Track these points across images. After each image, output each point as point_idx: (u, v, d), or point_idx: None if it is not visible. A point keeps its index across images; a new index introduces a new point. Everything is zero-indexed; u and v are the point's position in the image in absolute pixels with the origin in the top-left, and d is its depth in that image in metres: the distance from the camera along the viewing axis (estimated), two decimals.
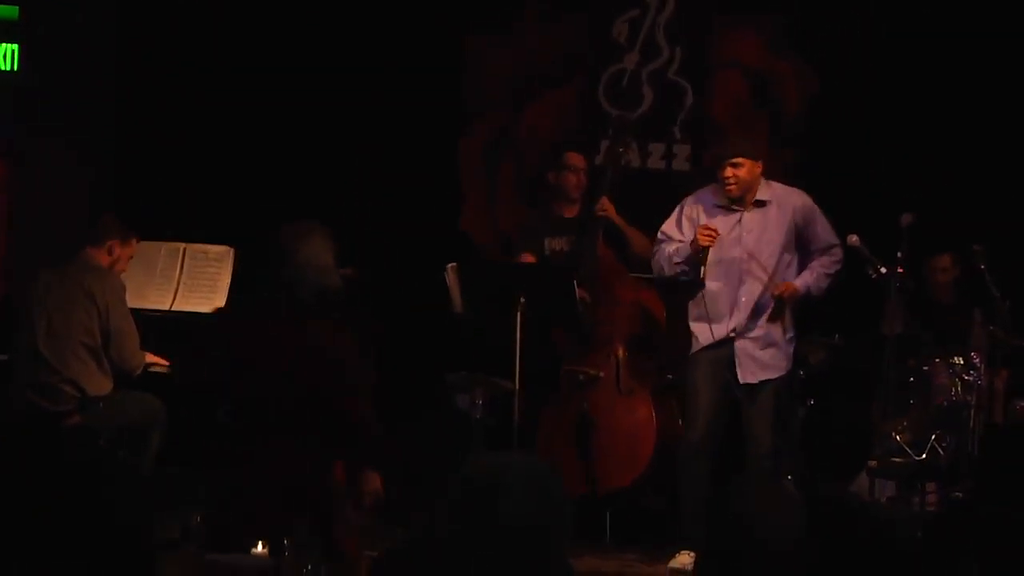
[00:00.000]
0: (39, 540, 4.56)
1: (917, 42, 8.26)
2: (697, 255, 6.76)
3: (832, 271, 6.91)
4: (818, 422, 7.45)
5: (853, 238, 6.83)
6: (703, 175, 7.38)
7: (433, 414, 7.58)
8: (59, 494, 4.73)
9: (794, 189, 7.00)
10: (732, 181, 6.75)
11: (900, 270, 6.83)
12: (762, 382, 6.81)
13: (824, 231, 6.91)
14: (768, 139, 8.47)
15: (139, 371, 7.02)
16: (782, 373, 6.87)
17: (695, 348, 6.92)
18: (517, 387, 6.71)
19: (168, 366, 7.21)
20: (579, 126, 8.73)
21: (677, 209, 7.00)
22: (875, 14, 8.34)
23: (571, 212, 7.79)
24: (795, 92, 8.57)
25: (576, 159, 7.83)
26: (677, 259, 6.88)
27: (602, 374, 7.40)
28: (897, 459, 6.76)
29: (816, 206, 6.96)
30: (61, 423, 6.65)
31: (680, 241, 6.90)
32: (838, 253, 6.91)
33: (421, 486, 6.05)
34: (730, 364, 6.81)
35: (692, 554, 6.70)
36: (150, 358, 7.16)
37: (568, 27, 8.79)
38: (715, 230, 6.74)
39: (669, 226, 6.98)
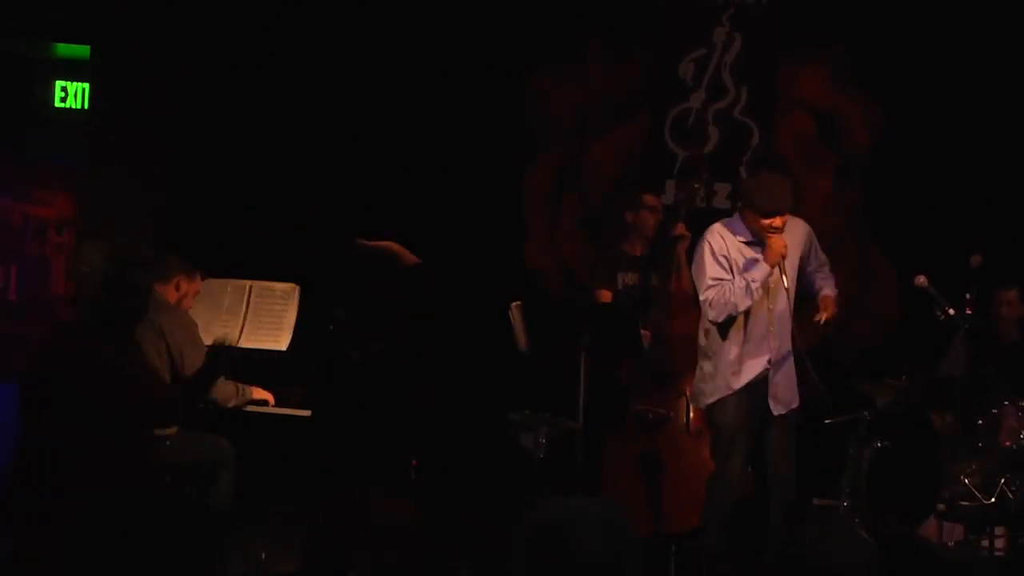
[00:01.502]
0: (99, 573, 4.58)
1: (984, 76, 8.21)
2: (778, 265, 6.65)
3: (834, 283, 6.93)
4: (885, 464, 7.37)
5: (921, 279, 6.79)
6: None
7: (497, 453, 7.57)
8: (124, 529, 4.75)
9: (796, 218, 6.91)
10: (782, 233, 6.69)
11: (969, 312, 6.78)
12: (788, 412, 6.78)
13: (818, 249, 6.94)
14: (834, 179, 8.45)
15: (232, 406, 7.02)
16: (799, 402, 6.84)
17: (728, 392, 6.79)
18: (581, 426, 6.70)
19: (275, 403, 7.25)
20: (644, 164, 8.74)
21: (704, 252, 6.82)
22: (941, 48, 8.30)
23: (639, 249, 7.83)
24: (862, 129, 8.54)
25: (653, 199, 7.90)
26: (754, 282, 6.73)
27: (672, 414, 7.38)
28: (966, 502, 6.68)
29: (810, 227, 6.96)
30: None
31: (730, 279, 6.79)
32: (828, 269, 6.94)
33: (487, 525, 6.04)
34: (763, 401, 6.76)
35: None
36: (258, 394, 7.19)
37: (633, 64, 8.81)
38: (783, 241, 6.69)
39: (714, 270, 6.82)
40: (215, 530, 5.79)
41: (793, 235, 6.80)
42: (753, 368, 6.76)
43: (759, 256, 6.71)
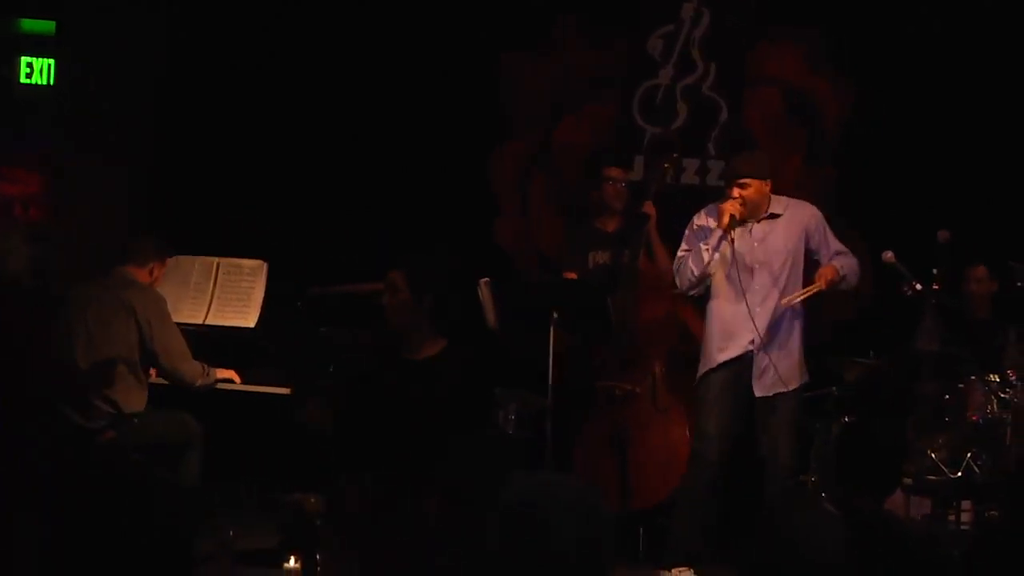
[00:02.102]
0: (71, 553, 4.57)
1: (955, 57, 8.24)
2: (726, 228, 6.67)
3: (856, 268, 6.83)
4: (853, 440, 7.42)
5: (888, 255, 6.81)
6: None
7: (464, 432, 7.57)
8: (90, 508, 4.74)
9: (804, 201, 6.95)
10: (740, 202, 6.73)
11: (936, 287, 6.80)
12: (777, 395, 6.76)
13: (833, 239, 6.86)
14: (804, 155, 8.46)
15: (199, 385, 6.99)
16: (798, 386, 6.82)
17: (709, 366, 6.85)
18: (551, 403, 6.70)
19: (240, 381, 7.23)
20: (614, 141, 8.73)
21: (688, 228, 6.95)
22: (913, 30, 8.32)
23: (612, 226, 7.81)
24: (832, 108, 8.56)
25: (614, 172, 7.85)
26: (706, 246, 6.76)
27: (638, 390, 7.39)
28: (932, 477, 6.72)
29: (823, 218, 6.89)
30: (94, 439, 6.65)
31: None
32: (854, 260, 6.84)
33: (459, 503, 6.04)
34: (745, 379, 6.78)
35: (690, 570, 6.72)
36: (222, 373, 7.16)
37: (605, 44, 8.80)
38: (741, 197, 6.70)
39: (687, 243, 6.91)
40: (183, 508, 5.77)
41: (792, 219, 6.81)
42: (734, 347, 6.77)
43: (738, 232, 6.76)
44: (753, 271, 6.79)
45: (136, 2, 8.82)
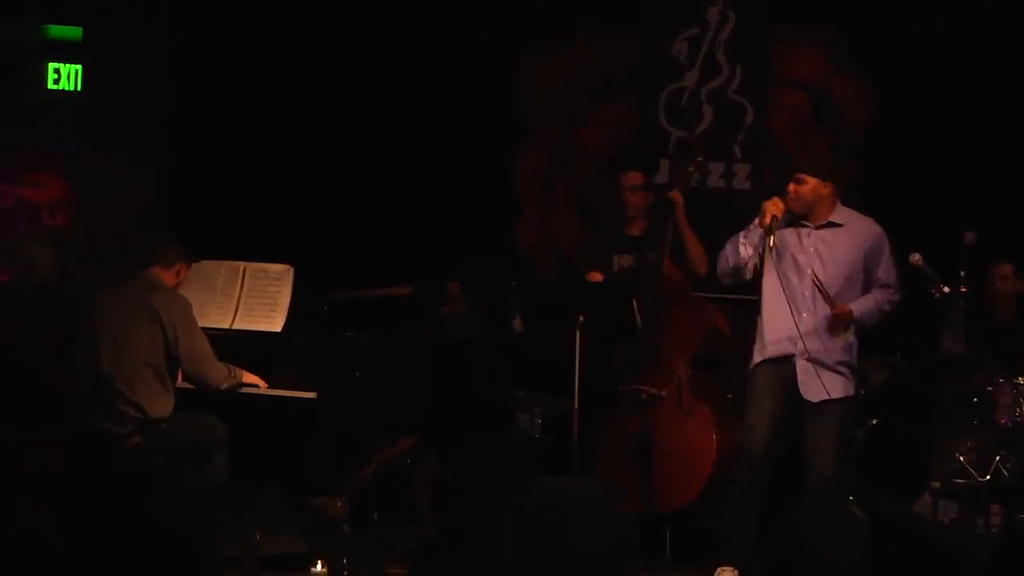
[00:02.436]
0: (94, 557, 4.58)
1: (979, 56, 8.20)
2: (766, 228, 6.59)
3: (886, 308, 6.70)
4: (879, 442, 7.38)
5: (915, 257, 6.76)
6: (763, 193, 7.32)
7: (491, 433, 7.58)
8: (116, 512, 4.75)
9: (869, 218, 6.82)
10: (792, 197, 6.66)
11: (963, 289, 6.76)
12: (824, 402, 6.69)
13: (887, 268, 6.71)
14: (830, 156, 8.43)
15: (225, 388, 6.99)
16: (844, 396, 6.73)
17: (756, 360, 6.82)
18: (577, 406, 6.69)
19: (266, 386, 7.23)
20: (636, 143, 8.72)
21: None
22: (936, 29, 8.28)
23: (636, 230, 7.79)
24: (856, 108, 8.53)
25: (632, 178, 7.81)
26: (744, 238, 6.71)
27: (664, 393, 7.36)
28: (960, 480, 6.68)
29: (886, 237, 6.76)
30: (121, 444, 6.66)
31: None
32: (894, 295, 6.71)
33: (480, 506, 6.04)
34: (792, 381, 6.72)
35: (735, 570, 6.66)
36: (248, 377, 7.16)
37: (623, 45, 8.79)
38: (781, 200, 6.65)
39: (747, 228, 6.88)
40: (208, 512, 5.78)
41: (856, 233, 6.70)
42: (777, 348, 6.71)
43: (796, 235, 6.72)
44: (804, 277, 6.70)
45: (161, 8, 8.85)
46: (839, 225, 6.71)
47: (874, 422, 7.30)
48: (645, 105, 8.79)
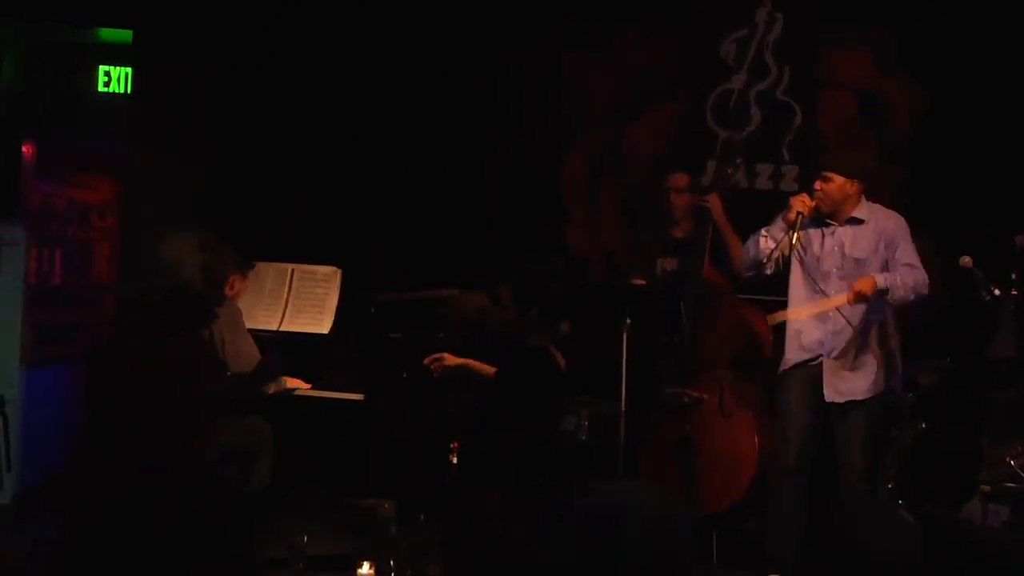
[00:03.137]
0: (144, 557, 4.61)
1: None
2: (790, 224, 6.61)
3: (910, 283, 6.59)
4: (928, 446, 7.34)
5: (965, 259, 6.73)
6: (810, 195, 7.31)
7: (538, 436, 7.58)
8: (164, 514, 4.78)
9: (892, 212, 6.84)
10: (819, 194, 6.67)
11: (1013, 292, 6.72)
12: (851, 402, 6.68)
13: (905, 249, 6.67)
14: (877, 157, 8.39)
15: (271, 393, 7.01)
16: (871, 395, 6.71)
17: (785, 366, 6.84)
18: (624, 409, 6.69)
19: (313, 387, 7.25)
20: (684, 144, 8.71)
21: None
22: (985, 28, 8.22)
23: (680, 232, 7.78)
24: (904, 109, 8.48)
25: (677, 180, 7.82)
26: (766, 232, 6.75)
27: (706, 396, 7.36)
28: (1011, 484, 6.64)
29: (907, 230, 6.73)
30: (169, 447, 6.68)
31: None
32: (920, 274, 6.62)
33: (530, 510, 6.04)
34: (820, 384, 6.72)
35: None
36: (292, 382, 7.19)
37: (669, 46, 8.77)
38: (809, 198, 6.64)
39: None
40: (254, 514, 5.82)
41: (876, 228, 6.71)
42: (804, 350, 6.73)
43: (821, 233, 6.69)
44: (829, 276, 6.72)
45: (211, 11, 8.89)
46: (862, 221, 6.71)
47: (923, 426, 7.25)
48: (693, 106, 8.77)
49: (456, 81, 8.79)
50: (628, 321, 6.76)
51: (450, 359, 6.72)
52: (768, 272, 6.83)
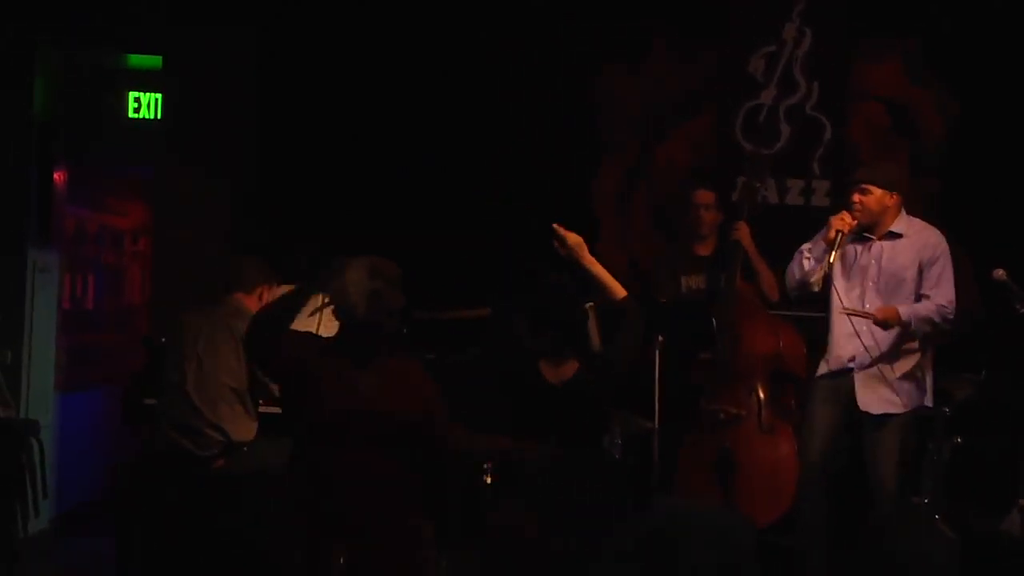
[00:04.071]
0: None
1: None
2: (830, 243, 6.55)
3: (935, 319, 6.57)
4: (966, 459, 7.30)
5: (999, 272, 6.69)
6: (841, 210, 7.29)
7: (572, 453, 7.56)
8: (202, 536, 4.79)
9: (932, 226, 6.79)
10: (857, 208, 6.64)
11: None
12: (884, 415, 6.65)
13: (934, 280, 6.61)
14: (909, 168, 8.36)
15: None
16: (905, 410, 6.66)
17: (819, 373, 6.82)
18: (657, 425, 6.67)
19: None
20: (713, 160, 8.70)
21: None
22: (1015, 37, 8.20)
23: (705, 249, 7.78)
24: (936, 120, 8.46)
25: (703, 196, 7.82)
26: (807, 249, 6.70)
27: (744, 412, 7.34)
28: None
29: (946, 248, 6.68)
30: (206, 468, 6.70)
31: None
32: (946, 308, 6.58)
33: (566, 527, 6.02)
34: (848, 392, 6.69)
35: None
36: None
37: (699, 61, 8.79)
38: (849, 215, 6.61)
39: (812, 241, 6.84)
40: (289, 533, 5.80)
41: (916, 243, 6.66)
42: (836, 361, 6.72)
43: (858, 247, 6.68)
44: (865, 289, 6.69)
45: (241, 37, 8.93)
46: (900, 236, 6.67)
47: (959, 440, 7.20)
48: (722, 121, 8.76)
49: (488, 96, 8.80)
50: (660, 338, 6.76)
51: (586, 252, 6.23)
52: (814, 291, 6.78)
